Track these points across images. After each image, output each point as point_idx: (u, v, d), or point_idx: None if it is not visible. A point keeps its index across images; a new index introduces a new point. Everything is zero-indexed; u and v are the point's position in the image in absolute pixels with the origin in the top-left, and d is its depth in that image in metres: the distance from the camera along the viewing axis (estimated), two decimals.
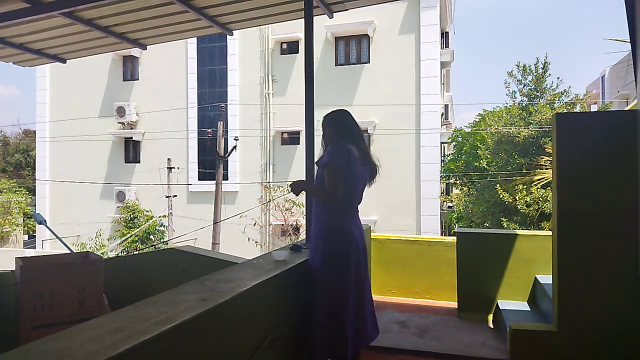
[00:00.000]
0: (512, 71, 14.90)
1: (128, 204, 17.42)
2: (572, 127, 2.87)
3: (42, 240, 18.98)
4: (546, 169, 11.15)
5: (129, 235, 16.13)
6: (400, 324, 3.99)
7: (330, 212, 2.57)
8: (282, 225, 15.50)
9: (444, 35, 18.86)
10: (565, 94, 14.45)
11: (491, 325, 4.04)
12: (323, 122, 2.78)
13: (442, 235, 17.59)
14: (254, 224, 14.81)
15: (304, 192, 2.84)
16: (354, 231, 2.58)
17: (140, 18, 4.31)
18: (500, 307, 3.97)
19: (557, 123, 2.87)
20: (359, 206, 2.72)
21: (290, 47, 16.69)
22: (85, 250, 12.79)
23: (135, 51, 17.21)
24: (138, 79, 18.46)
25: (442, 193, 18.24)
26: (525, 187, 12.27)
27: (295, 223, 15.10)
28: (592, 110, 19.54)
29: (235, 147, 15.41)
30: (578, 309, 2.82)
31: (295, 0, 3.98)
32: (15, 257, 3.94)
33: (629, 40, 2.89)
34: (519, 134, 13.51)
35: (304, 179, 3.18)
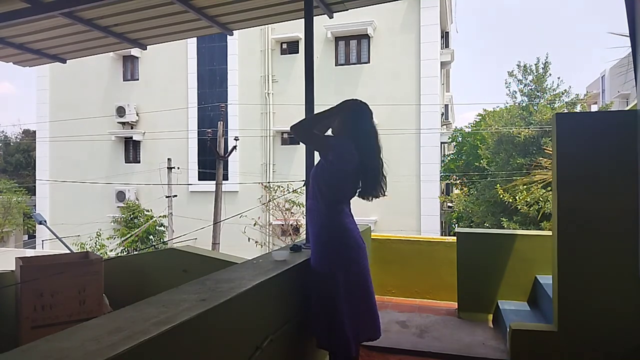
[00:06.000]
0: (512, 71, 14.93)
1: (128, 204, 17.41)
2: (572, 127, 2.87)
3: (42, 240, 18.97)
4: (546, 169, 11.15)
5: (129, 235, 16.12)
6: (400, 324, 3.99)
7: (328, 212, 2.56)
8: (282, 225, 15.50)
9: (444, 35, 18.86)
10: (565, 93, 14.48)
11: (491, 325, 4.04)
12: (352, 104, 2.59)
13: (442, 235, 17.59)
14: (254, 224, 14.80)
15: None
16: (351, 227, 2.59)
17: (140, 18, 4.31)
18: (500, 307, 3.97)
19: (557, 123, 2.87)
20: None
21: (290, 47, 16.69)
22: (85, 250, 12.79)
23: (135, 51, 17.21)
24: (138, 79, 18.46)
25: (442, 193, 18.24)
26: (525, 187, 12.27)
27: (295, 223, 15.10)
28: (592, 110, 19.54)
29: (235, 147, 15.39)
30: (578, 309, 2.82)
31: (295, 0, 3.98)
32: (15, 257, 3.94)
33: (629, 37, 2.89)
34: (519, 134, 13.51)
35: (304, 177, 3.08)
